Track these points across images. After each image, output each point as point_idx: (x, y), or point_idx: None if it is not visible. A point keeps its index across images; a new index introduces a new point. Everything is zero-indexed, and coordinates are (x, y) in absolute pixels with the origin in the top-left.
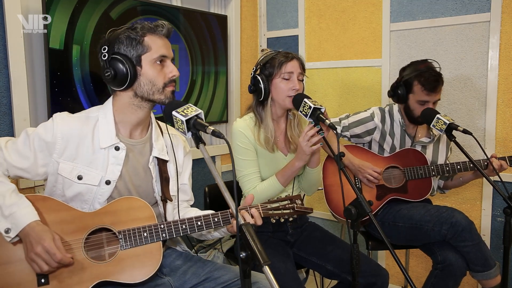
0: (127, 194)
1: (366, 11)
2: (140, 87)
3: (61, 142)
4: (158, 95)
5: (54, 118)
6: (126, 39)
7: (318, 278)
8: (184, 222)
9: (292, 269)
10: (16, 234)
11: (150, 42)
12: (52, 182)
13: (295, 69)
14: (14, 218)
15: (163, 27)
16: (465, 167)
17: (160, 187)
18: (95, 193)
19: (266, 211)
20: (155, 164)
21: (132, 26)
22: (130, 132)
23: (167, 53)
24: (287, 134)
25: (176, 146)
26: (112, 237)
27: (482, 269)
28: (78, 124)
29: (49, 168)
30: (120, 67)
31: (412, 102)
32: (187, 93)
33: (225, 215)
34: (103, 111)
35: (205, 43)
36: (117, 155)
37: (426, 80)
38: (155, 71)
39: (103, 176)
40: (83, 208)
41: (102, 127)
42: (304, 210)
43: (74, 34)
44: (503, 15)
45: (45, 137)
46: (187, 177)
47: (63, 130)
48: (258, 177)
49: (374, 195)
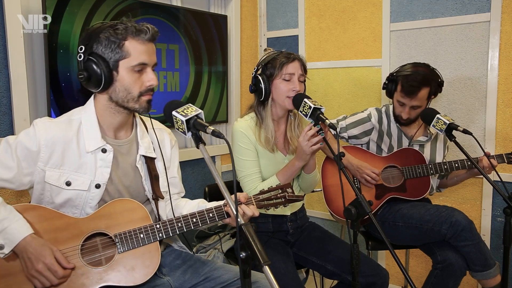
0: (118, 195)
1: (366, 11)
2: (115, 92)
3: (46, 150)
4: (132, 104)
5: (35, 124)
6: (106, 40)
7: (318, 278)
8: (179, 220)
9: (292, 269)
10: (10, 250)
11: (131, 48)
12: (39, 190)
13: (296, 71)
14: (7, 233)
15: (147, 32)
16: (463, 165)
17: (150, 185)
18: (85, 197)
19: (259, 202)
20: (143, 163)
21: (115, 26)
22: (114, 132)
23: (147, 60)
24: (286, 135)
25: (162, 141)
26: (108, 241)
27: (482, 268)
28: (62, 129)
29: (34, 176)
30: (94, 70)
31: (395, 99)
32: (187, 93)
33: (219, 209)
34: (85, 113)
35: (205, 43)
36: (104, 157)
37: (406, 83)
38: (131, 79)
39: (92, 180)
40: (74, 213)
41: (86, 130)
42: (295, 198)
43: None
44: (503, 15)
45: (28, 146)
46: (175, 170)
47: (46, 137)
48: (259, 177)
49: (373, 194)
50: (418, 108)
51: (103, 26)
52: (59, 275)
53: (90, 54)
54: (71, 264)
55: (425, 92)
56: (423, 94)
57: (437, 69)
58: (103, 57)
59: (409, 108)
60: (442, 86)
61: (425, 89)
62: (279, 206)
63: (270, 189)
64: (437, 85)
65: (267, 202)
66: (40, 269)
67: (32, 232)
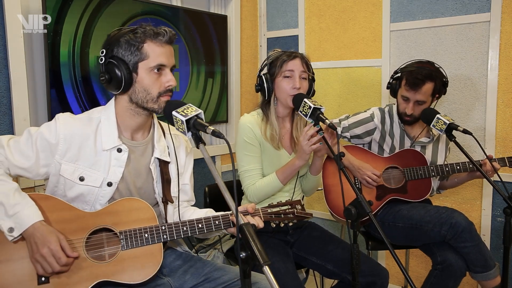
0: (128, 195)
1: (366, 11)
2: (135, 93)
3: (64, 144)
4: (151, 104)
5: (57, 119)
6: (125, 44)
7: (318, 278)
8: (185, 224)
9: (292, 269)
10: (19, 234)
11: (149, 50)
12: (53, 182)
13: (297, 68)
14: (18, 218)
15: (165, 34)
16: (464, 167)
17: (161, 188)
18: (97, 194)
19: (266, 215)
20: (156, 165)
21: (134, 30)
22: (131, 134)
23: (166, 61)
24: (292, 134)
25: (178, 147)
26: (113, 238)
27: (481, 270)
28: (81, 125)
29: (50, 168)
30: (115, 72)
31: (399, 96)
32: (187, 93)
33: (226, 218)
34: (105, 112)
35: (205, 43)
36: (119, 157)
37: (410, 76)
38: (151, 80)
39: (105, 178)
40: (84, 208)
41: (104, 128)
42: (304, 215)
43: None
44: (503, 15)
45: (48, 138)
46: (188, 177)
47: (65, 131)
48: (259, 174)
49: (374, 195)
50: (423, 103)
51: (123, 31)
52: (62, 262)
53: (111, 57)
54: (75, 253)
55: (429, 87)
56: (428, 89)
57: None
58: (123, 59)
59: (413, 103)
60: (446, 87)
61: (429, 83)
62: (286, 221)
63: (279, 204)
64: (442, 84)
65: (276, 216)
66: (45, 254)
67: (42, 219)
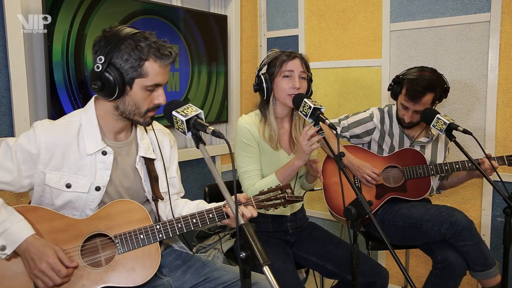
0: (118, 197)
1: (366, 11)
2: (124, 104)
3: (46, 152)
4: (138, 117)
5: (35, 127)
6: (127, 54)
7: (318, 278)
8: (179, 221)
9: (292, 269)
10: (12, 251)
11: (150, 69)
12: (39, 192)
13: (296, 68)
14: (9, 235)
15: (170, 57)
16: (463, 166)
17: (150, 186)
18: (85, 200)
19: (258, 203)
20: (142, 164)
21: (137, 40)
22: (114, 135)
23: (162, 81)
24: (291, 134)
25: (162, 142)
26: (108, 242)
27: (482, 268)
28: (62, 132)
29: (34, 179)
30: (110, 82)
31: (399, 102)
32: (187, 93)
33: (219, 210)
34: (85, 115)
35: (205, 43)
36: (104, 159)
37: (410, 87)
38: (142, 96)
39: (92, 183)
40: (74, 215)
41: (86, 132)
42: (295, 199)
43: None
44: (503, 15)
45: (28, 148)
46: (174, 170)
47: (46, 140)
48: (258, 174)
49: (373, 194)
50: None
51: (124, 35)
52: (62, 274)
53: (108, 66)
54: (74, 263)
55: (429, 98)
56: (427, 100)
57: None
58: (120, 71)
59: (412, 112)
60: (447, 92)
61: (429, 94)
62: (278, 206)
63: (269, 190)
64: (442, 91)
65: (267, 203)
66: (44, 269)
67: (33, 232)
